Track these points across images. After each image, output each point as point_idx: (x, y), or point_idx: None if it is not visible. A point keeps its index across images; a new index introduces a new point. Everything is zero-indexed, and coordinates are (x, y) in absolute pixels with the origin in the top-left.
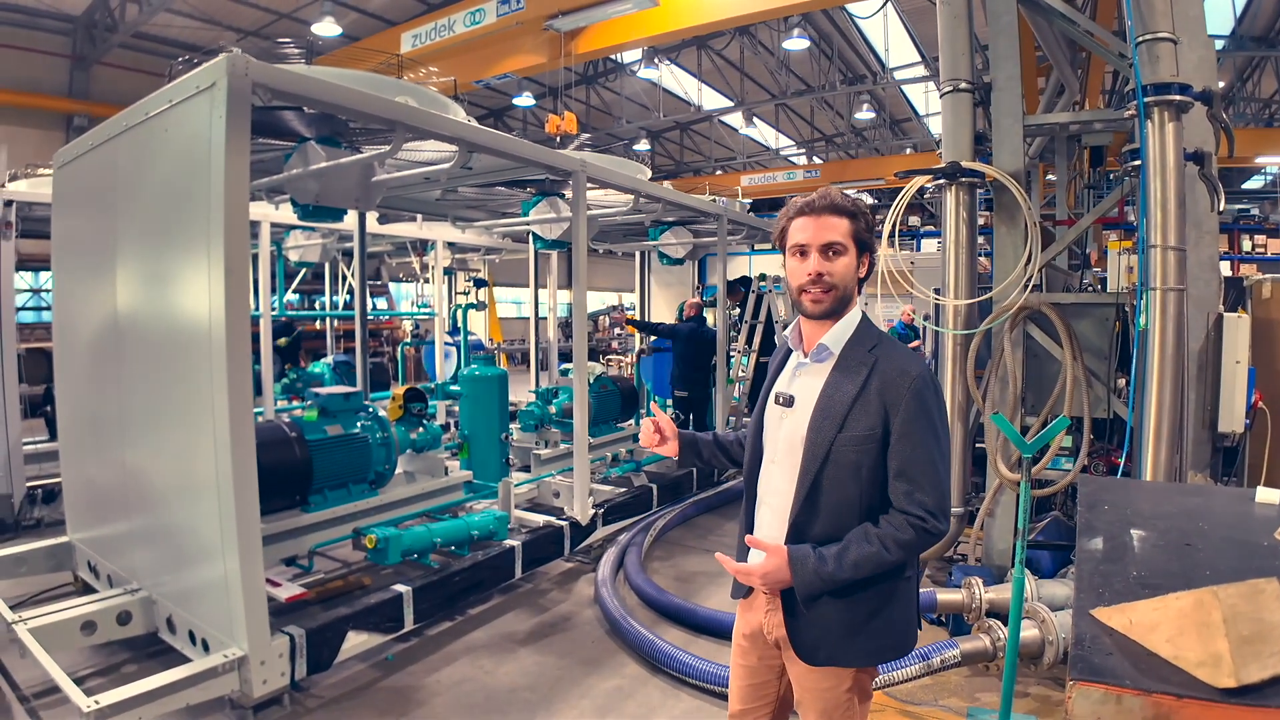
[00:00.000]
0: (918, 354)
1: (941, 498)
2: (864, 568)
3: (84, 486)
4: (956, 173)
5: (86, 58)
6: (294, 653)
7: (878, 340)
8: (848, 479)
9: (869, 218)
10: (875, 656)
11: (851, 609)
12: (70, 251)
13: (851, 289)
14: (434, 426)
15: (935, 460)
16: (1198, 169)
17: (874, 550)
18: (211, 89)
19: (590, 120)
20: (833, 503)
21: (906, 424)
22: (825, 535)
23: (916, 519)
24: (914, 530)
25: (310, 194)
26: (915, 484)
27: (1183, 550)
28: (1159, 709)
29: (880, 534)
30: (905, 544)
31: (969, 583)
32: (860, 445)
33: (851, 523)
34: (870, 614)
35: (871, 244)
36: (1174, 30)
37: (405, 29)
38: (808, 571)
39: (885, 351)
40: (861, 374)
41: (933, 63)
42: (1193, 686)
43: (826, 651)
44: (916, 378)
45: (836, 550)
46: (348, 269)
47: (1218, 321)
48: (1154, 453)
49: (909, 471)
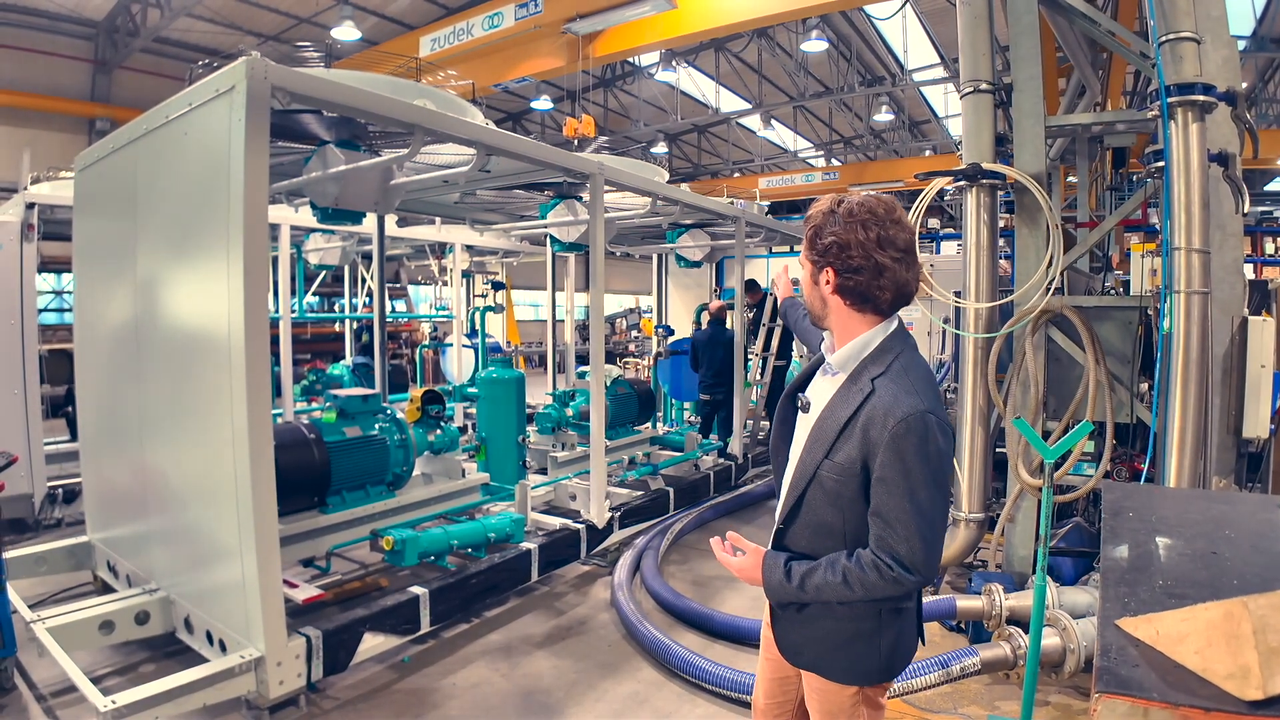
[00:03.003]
0: (928, 389)
1: (917, 549)
2: (825, 594)
3: (104, 487)
4: (978, 174)
5: (108, 62)
6: (310, 654)
7: (885, 369)
8: (829, 503)
9: (822, 230)
10: (858, 677)
11: (838, 625)
12: (91, 253)
13: (818, 306)
14: (451, 429)
15: (913, 510)
16: (1222, 170)
17: (836, 581)
18: (231, 92)
19: (608, 123)
20: (814, 522)
21: (884, 467)
22: (805, 551)
23: (884, 565)
24: (878, 574)
25: (330, 197)
26: (888, 529)
27: (1209, 559)
28: None
29: (846, 567)
30: (868, 585)
31: (989, 589)
32: (841, 475)
33: (832, 545)
34: (855, 634)
35: (828, 255)
36: (1197, 30)
37: (424, 33)
38: (774, 580)
39: (885, 383)
40: (856, 401)
41: (952, 64)
42: (1220, 699)
43: (809, 659)
44: (900, 420)
45: (805, 570)
46: (367, 271)
47: (1242, 325)
48: (1178, 458)
49: (883, 514)
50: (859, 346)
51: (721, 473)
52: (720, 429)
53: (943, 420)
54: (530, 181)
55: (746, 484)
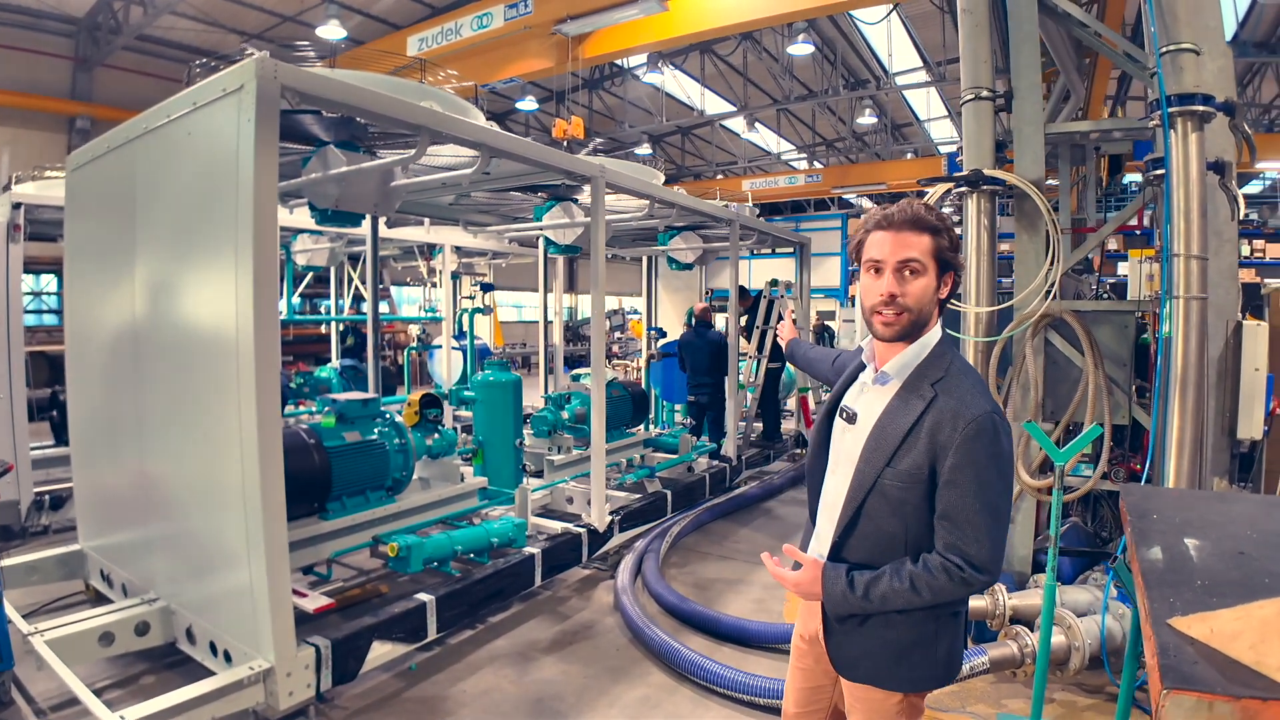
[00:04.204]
0: (987, 391)
1: (988, 549)
2: (892, 602)
3: (97, 493)
4: (979, 180)
5: (90, 60)
6: (319, 664)
7: (944, 372)
8: (891, 513)
9: (953, 234)
10: (915, 685)
11: (897, 635)
12: (84, 255)
13: (928, 312)
14: (449, 432)
15: (982, 509)
16: (1218, 179)
17: (903, 587)
18: (240, 91)
19: (592, 124)
20: (874, 532)
21: (954, 470)
22: (864, 562)
23: (954, 566)
24: (948, 576)
25: (330, 199)
26: (958, 530)
27: (1238, 558)
28: (1247, 712)
29: (913, 573)
30: (936, 589)
31: (992, 589)
32: (906, 482)
33: (893, 556)
34: (915, 642)
35: (956, 262)
36: (1195, 40)
37: (411, 32)
38: (836, 592)
39: (948, 386)
40: (918, 408)
41: (936, 68)
42: (1275, 690)
43: (866, 671)
44: (970, 422)
45: (869, 578)
46: (354, 272)
47: (1236, 329)
48: (1176, 459)
49: (953, 516)
50: (914, 352)
51: (717, 475)
52: (710, 430)
53: (1005, 421)
54: (529, 184)
55: (740, 486)
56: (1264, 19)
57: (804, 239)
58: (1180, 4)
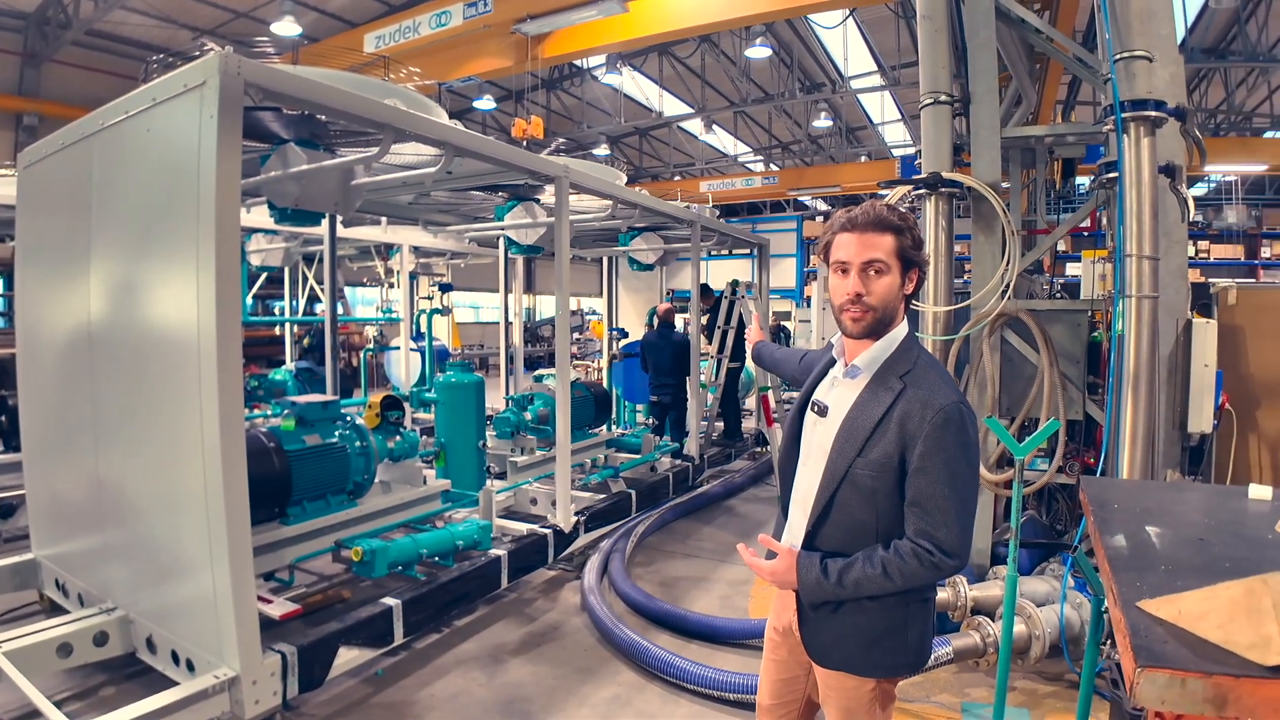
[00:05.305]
0: (952, 382)
1: (957, 534)
2: (864, 588)
3: (52, 500)
4: (938, 183)
5: (38, 55)
6: (285, 671)
7: (912, 365)
8: (863, 502)
9: (916, 232)
10: (887, 670)
11: (870, 621)
12: (37, 254)
13: (893, 309)
14: (411, 435)
15: (951, 495)
16: (1169, 181)
17: (875, 573)
18: (202, 87)
19: (550, 124)
20: (847, 521)
21: (923, 458)
22: (837, 550)
23: (924, 551)
24: (918, 561)
25: (290, 198)
26: (927, 516)
27: (1198, 545)
28: (1218, 689)
29: (885, 558)
30: (907, 573)
31: (953, 581)
32: (876, 471)
33: (865, 544)
34: (886, 629)
35: (919, 259)
36: (1148, 48)
37: (368, 30)
38: (810, 579)
39: (915, 379)
40: (888, 399)
41: (890, 72)
42: (1245, 667)
43: (839, 658)
44: (939, 411)
45: (842, 565)
46: (309, 272)
47: (1186, 327)
48: (1129, 452)
49: (922, 502)
50: (883, 347)
51: (680, 474)
52: (672, 430)
53: (971, 411)
54: (492, 183)
55: (703, 485)
56: (1213, 25)
57: (763, 240)
58: (1134, 12)
